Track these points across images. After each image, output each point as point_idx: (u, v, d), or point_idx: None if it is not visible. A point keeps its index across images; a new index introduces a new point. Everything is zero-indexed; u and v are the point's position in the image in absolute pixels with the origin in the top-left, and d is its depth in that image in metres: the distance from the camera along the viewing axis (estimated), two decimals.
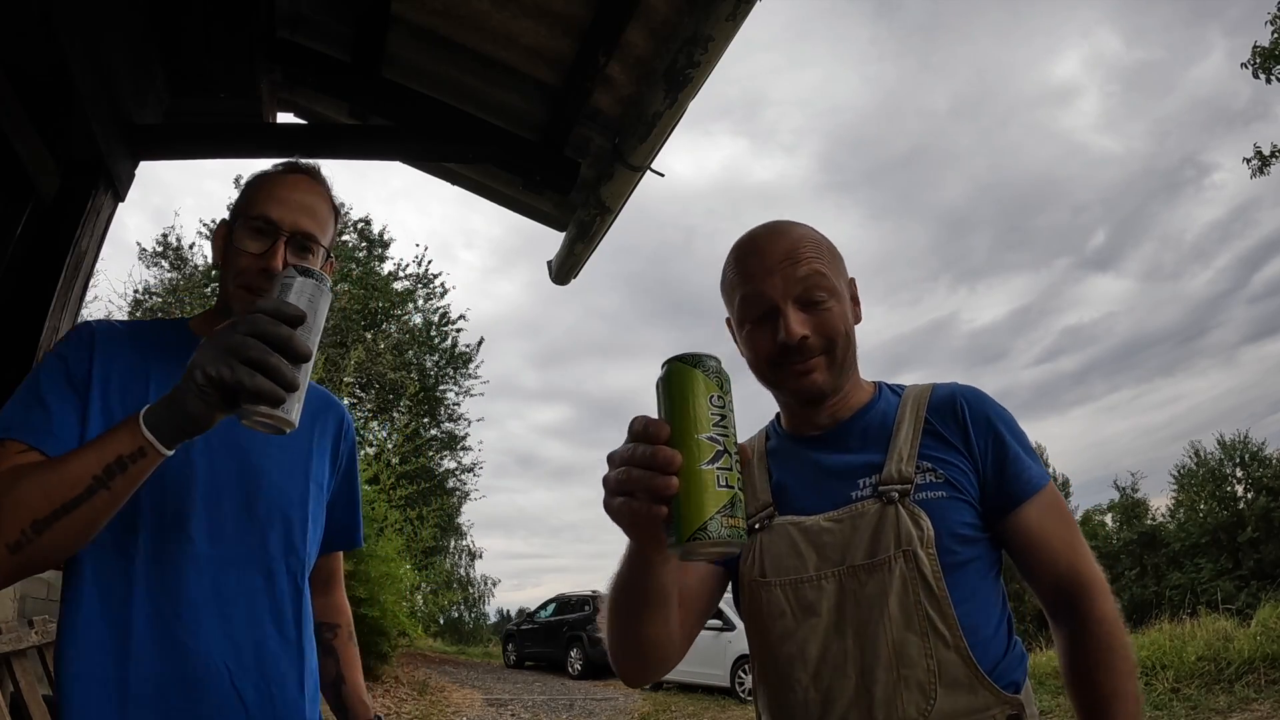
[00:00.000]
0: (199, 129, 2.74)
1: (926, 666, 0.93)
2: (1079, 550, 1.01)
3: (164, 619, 0.94)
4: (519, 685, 12.46)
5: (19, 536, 0.81)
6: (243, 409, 0.80)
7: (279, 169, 1.13)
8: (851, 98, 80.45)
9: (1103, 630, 0.96)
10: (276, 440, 1.04)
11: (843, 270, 1.09)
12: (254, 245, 1.04)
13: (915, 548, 0.95)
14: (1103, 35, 62.39)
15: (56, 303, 2.21)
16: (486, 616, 31.35)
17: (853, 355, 1.08)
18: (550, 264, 2.96)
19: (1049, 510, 1.01)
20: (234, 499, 1.02)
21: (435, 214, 51.41)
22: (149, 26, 2.44)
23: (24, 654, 2.66)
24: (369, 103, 2.74)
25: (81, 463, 0.82)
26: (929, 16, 74.06)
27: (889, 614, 0.95)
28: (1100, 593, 0.99)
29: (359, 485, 1.30)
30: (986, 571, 1.01)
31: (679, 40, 1.99)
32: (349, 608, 1.36)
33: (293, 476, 1.10)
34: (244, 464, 1.04)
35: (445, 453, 17.95)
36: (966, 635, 0.94)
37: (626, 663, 1.00)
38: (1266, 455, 23.15)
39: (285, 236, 1.04)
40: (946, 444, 1.02)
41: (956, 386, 1.08)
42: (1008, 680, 0.95)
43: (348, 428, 1.24)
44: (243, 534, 1.02)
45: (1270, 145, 12.12)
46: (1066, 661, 0.99)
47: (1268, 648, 6.02)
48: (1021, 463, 1.01)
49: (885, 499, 0.99)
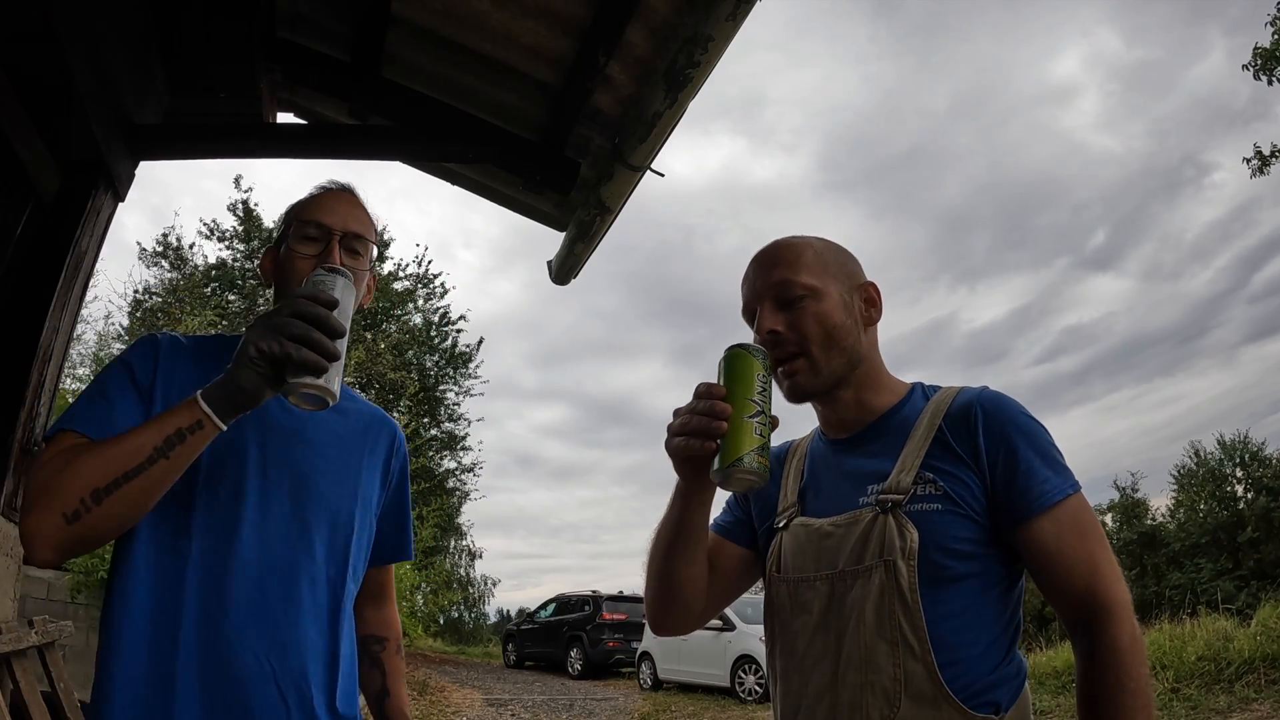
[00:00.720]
0: (199, 129, 2.74)
1: (893, 675, 0.94)
2: (1100, 570, 0.95)
3: (212, 619, 0.98)
4: (519, 685, 12.47)
5: (77, 505, 0.86)
6: (289, 384, 0.89)
7: (318, 189, 1.20)
8: (851, 97, 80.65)
9: (1115, 660, 0.90)
10: (328, 453, 1.12)
11: (841, 274, 1.11)
12: (309, 249, 1.12)
13: (895, 558, 0.96)
14: (1102, 34, 62.49)
15: (56, 303, 2.21)
16: (486, 616, 31.36)
17: (850, 353, 1.08)
18: (550, 264, 2.96)
19: (1068, 526, 0.96)
20: (283, 507, 1.07)
21: (434, 214, 51.32)
22: (149, 27, 2.44)
23: (24, 654, 2.66)
24: (369, 103, 2.74)
25: (143, 435, 0.90)
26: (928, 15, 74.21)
27: (864, 620, 0.97)
28: (1117, 618, 0.92)
29: (409, 500, 1.34)
30: (986, 589, 0.99)
31: (679, 40, 2.00)
32: (399, 621, 1.39)
33: (342, 487, 1.14)
34: (295, 474, 1.09)
35: (445, 453, 17.95)
36: (943, 651, 0.94)
37: (659, 600, 1.14)
38: (1266, 455, 23.12)
39: (338, 237, 1.12)
40: (954, 456, 1.00)
41: (977, 393, 1.05)
42: (985, 700, 0.94)
43: (399, 444, 1.28)
44: (291, 541, 1.06)
45: (1270, 145, 12.10)
46: (1080, 685, 0.95)
47: (1268, 648, 6.02)
48: (1035, 475, 0.97)
49: (881, 508, 1.00)
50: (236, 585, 1.00)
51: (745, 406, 0.94)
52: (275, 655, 1.01)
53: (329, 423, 1.15)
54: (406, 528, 1.33)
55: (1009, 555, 1.00)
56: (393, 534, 1.30)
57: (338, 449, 1.15)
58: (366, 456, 1.20)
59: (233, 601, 1.00)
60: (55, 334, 2.25)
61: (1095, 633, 0.93)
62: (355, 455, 1.18)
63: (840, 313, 1.08)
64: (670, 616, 1.15)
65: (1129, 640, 0.91)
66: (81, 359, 12.24)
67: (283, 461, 1.08)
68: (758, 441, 0.93)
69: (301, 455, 1.10)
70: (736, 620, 10.63)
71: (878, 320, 1.13)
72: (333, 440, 1.15)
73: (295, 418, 1.10)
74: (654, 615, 1.17)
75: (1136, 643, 0.92)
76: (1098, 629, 0.93)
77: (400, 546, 1.32)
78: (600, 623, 13.88)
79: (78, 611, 6.13)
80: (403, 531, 1.32)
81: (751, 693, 9.67)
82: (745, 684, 9.89)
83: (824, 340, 1.06)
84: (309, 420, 1.12)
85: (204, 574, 0.99)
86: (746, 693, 9.76)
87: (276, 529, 1.05)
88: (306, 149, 2.70)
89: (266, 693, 0.99)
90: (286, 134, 2.77)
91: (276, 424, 1.09)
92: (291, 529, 1.07)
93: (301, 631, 1.05)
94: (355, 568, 1.16)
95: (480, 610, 29.47)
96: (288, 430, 1.10)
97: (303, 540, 1.07)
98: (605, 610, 14.08)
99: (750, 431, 0.93)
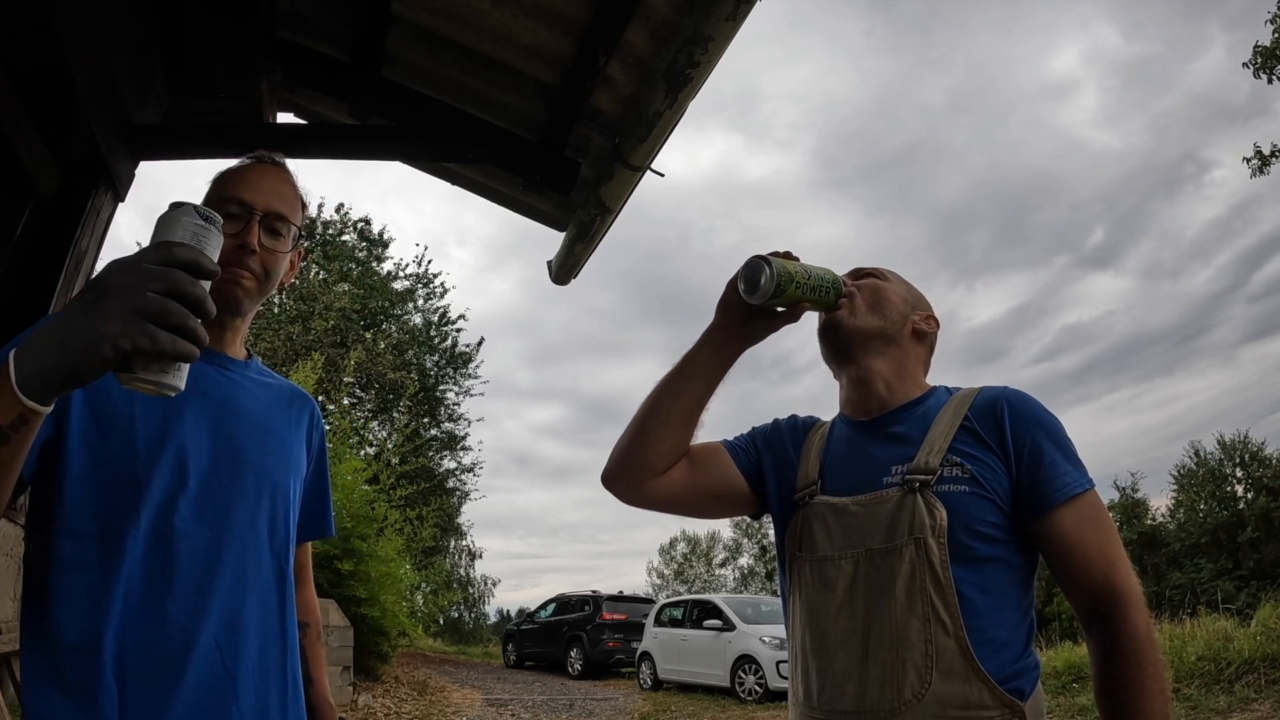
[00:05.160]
0: (199, 129, 2.74)
1: (925, 651, 0.96)
2: (1115, 562, 0.99)
3: (156, 594, 0.95)
4: (519, 685, 12.47)
5: None
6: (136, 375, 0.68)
7: (247, 160, 1.16)
8: (847, 92, 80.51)
9: (1133, 646, 0.95)
10: (258, 425, 1.09)
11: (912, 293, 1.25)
12: (229, 227, 1.04)
13: (926, 536, 0.99)
14: (1101, 29, 62.32)
15: (56, 303, 2.21)
16: (486, 616, 31.43)
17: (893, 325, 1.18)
18: (550, 264, 2.96)
19: (1086, 518, 1.00)
20: (223, 482, 1.04)
21: (427, 211, 51.20)
22: (149, 27, 2.44)
23: None
24: (369, 103, 2.74)
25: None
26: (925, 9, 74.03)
27: (895, 597, 0.99)
28: (1134, 607, 0.97)
29: (329, 475, 1.33)
30: (1010, 574, 1.02)
31: (679, 40, 2.00)
32: (318, 606, 1.36)
33: (275, 458, 1.11)
34: (231, 447, 1.06)
35: (445, 453, 17.95)
36: (972, 630, 0.96)
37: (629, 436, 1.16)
38: (1266, 455, 23.14)
39: (259, 216, 1.08)
40: (981, 442, 1.05)
41: (1003, 390, 1.10)
42: (1011, 685, 0.96)
43: (317, 418, 1.26)
44: (232, 514, 1.04)
45: (1270, 145, 12.10)
46: (1097, 675, 0.99)
47: (1268, 648, 6.02)
48: (1058, 467, 1.01)
49: (908, 487, 1.03)
50: (180, 561, 0.96)
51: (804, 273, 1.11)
52: (222, 631, 0.98)
53: (257, 394, 1.13)
54: (328, 503, 1.31)
55: (1027, 544, 1.04)
56: (315, 509, 1.27)
57: (267, 419, 1.12)
58: (292, 428, 1.18)
59: (178, 578, 0.96)
60: None
61: (1114, 621, 0.97)
62: (282, 427, 1.16)
63: (899, 299, 1.20)
64: (629, 458, 1.15)
65: (1145, 628, 0.96)
66: None
67: (217, 435, 1.04)
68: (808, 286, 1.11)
69: (234, 426, 1.07)
70: (736, 620, 10.64)
71: (926, 336, 1.22)
72: (263, 411, 1.12)
73: (226, 385, 1.08)
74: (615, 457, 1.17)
75: (1151, 630, 0.97)
76: (1116, 618, 0.97)
77: (322, 522, 1.30)
78: (600, 623, 13.88)
79: None
80: (324, 506, 1.30)
81: (751, 693, 9.67)
82: (745, 684, 9.89)
83: (873, 300, 1.18)
84: (239, 389, 1.10)
85: (148, 548, 0.95)
86: (746, 693, 9.76)
87: (217, 501, 1.02)
88: (306, 149, 2.70)
89: (213, 669, 0.96)
90: (286, 134, 2.78)
91: (209, 393, 1.05)
92: (232, 501, 1.03)
93: (247, 608, 1.02)
94: (293, 540, 1.13)
95: (480, 610, 29.56)
96: (219, 399, 1.06)
97: (245, 511, 1.05)
98: (605, 610, 14.08)
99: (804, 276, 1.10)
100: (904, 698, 0.96)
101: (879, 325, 1.16)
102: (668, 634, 11.71)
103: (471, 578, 25.95)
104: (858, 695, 1.00)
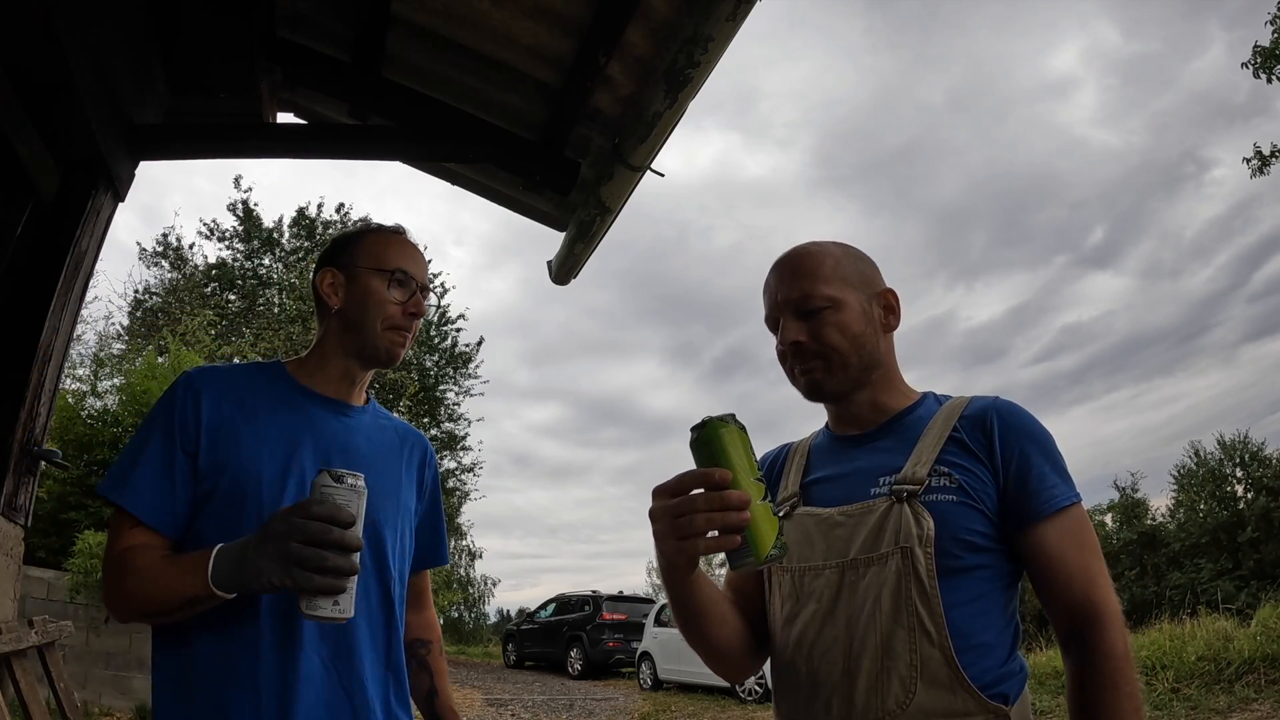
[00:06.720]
0: (199, 129, 2.74)
1: (909, 661, 0.96)
2: (1095, 579, 0.99)
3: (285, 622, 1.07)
4: (519, 685, 12.47)
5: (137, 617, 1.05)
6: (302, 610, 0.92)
7: (396, 231, 1.29)
8: (846, 91, 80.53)
9: (1110, 666, 0.94)
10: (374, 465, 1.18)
11: (860, 282, 1.15)
12: (399, 294, 1.21)
13: (913, 545, 0.98)
14: (1100, 28, 62.32)
15: (56, 303, 2.22)
16: (486, 616, 31.39)
17: (868, 359, 1.12)
18: (550, 264, 2.96)
19: (1069, 533, 1.00)
20: None
21: (424, 210, 50.79)
22: (149, 27, 2.44)
23: (24, 654, 2.66)
24: (369, 103, 2.74)
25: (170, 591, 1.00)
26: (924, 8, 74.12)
27: (880, 606, 0.98)
28: (1111, 626, 0.96)
29: (442, 509, 1.43)
30: (995, 582, 1.01)
31: (679, 40, 2.00)
32: (438, 624, 1.50)
33: (385, 499, 1.20)
34: None
35: (445, 453, 17.95)
36: (957, 638, 0.95)
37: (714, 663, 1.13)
38: (1266, 455, 23.10)
39: (418, 289, 1.23)
40: (969, 452, 1.04)
41: (993, 400, 1.10)
42: (996, 691, 0.96)
43: (430, 457, 1.37)
44: None
45: (1270, 145, 12.08)
46: (1072, 692, 0.98)
47: (1268, 648, 6.01)
48: (1046, 480, 1.01)
49: (896, 497, 1.02)
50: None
51: (755, 490, 0.85)
52: (340, 659, 1.09)
53: (373, 437, 1.24)
54: (442, 534, 1.42)
55: (1013, 553, 1.03)
56: (429, 541, 1.38)
57: (381, 461, 1.22)
58: (404, 468, 1.29)
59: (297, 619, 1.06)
60: (55, 334, 2.25)
61: (1091, 639, 0.96)
62: (396, 466, 1.26)
63: (860, 321, 1.11)
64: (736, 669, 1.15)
65: (1123, 647, 0.95)
66: (81, 359, 12.22)
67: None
68: (777, 523, 0.87)
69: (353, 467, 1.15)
70: None
71: (896, 326, 1.17)
72: (376, 453, 1.22)
73: (344, 428, 1.20)
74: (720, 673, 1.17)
75: (1129, 650, 0.96)
76: (1094, 635, 0.96)
77: (437, 552, 1.41)
78: (600, 623, 13.87)
79: (78, 611, 6.12)
80: (438, 538, 1.41)
81: (751, 693, 9.67)
82: (745, 684, 9.88)
83: (845, 348, 1.10)
84: (354, 433, 1.21)
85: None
86: (746, 693, 9.76)
87: None
88: (306, 149, 2.71)
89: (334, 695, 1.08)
90: (286, 134, 2.77)
91: (328, 434, 1.17)
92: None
93: (359, 636, 1.12)
94: (402, 573, 1.24)
95: (480, 610, 29.52)
96: (333, 443, 1.17)
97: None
98: (605, 610, 14.08)
99: (769, 514, 0.86)
100: (888, 708, 0.95)
101: (861, 369, 1.11)
102: (668, 634, 11.70)
103: (471, 578, 25.96)
104: (842, 706, 0.99)
